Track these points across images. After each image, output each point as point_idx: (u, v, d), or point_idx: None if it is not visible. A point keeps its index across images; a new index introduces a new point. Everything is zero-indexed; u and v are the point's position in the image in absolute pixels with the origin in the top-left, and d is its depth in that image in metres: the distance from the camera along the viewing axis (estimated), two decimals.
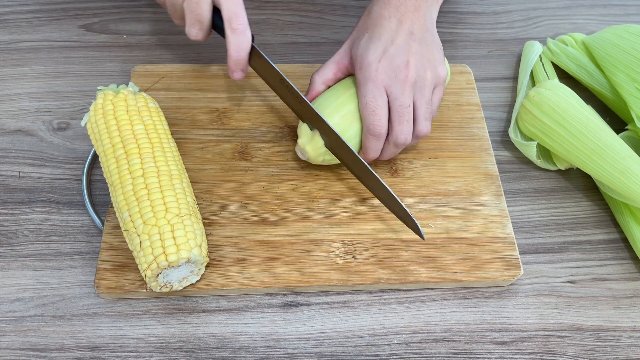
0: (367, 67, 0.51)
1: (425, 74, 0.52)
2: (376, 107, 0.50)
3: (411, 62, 0.51)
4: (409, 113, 0.51)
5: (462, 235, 0.54)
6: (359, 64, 0.52)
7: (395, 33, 0.52)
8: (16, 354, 0.48)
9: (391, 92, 0.51)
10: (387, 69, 0.51)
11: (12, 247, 0.53)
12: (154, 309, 0.50)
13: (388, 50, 0.51)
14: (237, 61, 0.53)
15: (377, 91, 0.50)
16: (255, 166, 0.57)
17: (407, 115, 0.51)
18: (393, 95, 0.51)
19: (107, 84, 0.56)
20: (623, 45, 0.60)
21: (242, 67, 0.54)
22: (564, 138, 0.56)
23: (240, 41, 0.52)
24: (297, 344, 0.49)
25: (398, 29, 0.52)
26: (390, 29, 0.52)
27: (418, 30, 0.52)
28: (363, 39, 0.53)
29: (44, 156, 0.58)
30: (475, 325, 0.51)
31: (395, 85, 0.51)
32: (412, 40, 0.52)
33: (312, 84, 0.56)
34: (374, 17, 0.53)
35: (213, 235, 0.52)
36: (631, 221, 0.54)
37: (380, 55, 0.51)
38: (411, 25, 0.52)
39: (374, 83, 0.51)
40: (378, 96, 0.50)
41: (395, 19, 0.52)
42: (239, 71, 0.54)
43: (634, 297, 0.53)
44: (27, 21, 0.70)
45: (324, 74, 0.55)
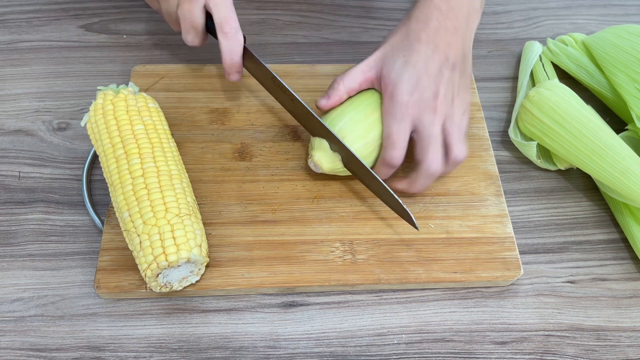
0: (398, 100, 0.50)
1: (453, 102, 0.51)
2: (398, 141, 0.50)
3: (441, 92, 0.50)
4: (438, 142, 0.50)
5: (462, 235, 0.54)
6: (390, 92, 0.50)
7: (430, 60, 0.50)
8: (16, 354, 0.48)
9: (419, 124, 0.50)
10: (417, 103, 0.50)
11: (12, 247, 0.53)
12: (154, 309, 0.50)
13: (420, 80, 0.50)
14: (231, 65, 0.54)
15: (403, 124, 0.50)
16: (255, 166, 0.57)
17: (435, 145, 0.50)
18: (422, 126, 0.50)
19: (107, 84, 0.56)
20: (623, 46, 0.60)
21: (237, 69, 0.55)
22: (564, 138, 0.56)
23: (232, 45, 0.53)
24: (297, 344, 0.49)
25: (434, 54, 0.50)
26: (426, 55, 0.50)
27: (453, 56, 0.51)
28: (397, 62, 0.51)
29: (44, 156, 0.59)
30: (475, 325, 0.51)
31: (423, 117, 0.50)
32: (445, 68, 0.51)
33: (335, 91, 0.53)
34: (412, 39, 0.51)
35: (213, 235, 0.52)
36: (631, 221, 0.54)
37: (413, 87, 0.49)
38: (447, 51, 0.51)
39: (402, 116, 0.50)
40: (402, 130, 0.50)
41: (432, 44, 0.50)
42: (234, 73, 0.56)
43: (634, 297, 0.53)
44: (27, 21, 0.70)
45: (349, 83, 0.53)
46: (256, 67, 0.55)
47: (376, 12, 0.74)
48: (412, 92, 0.50)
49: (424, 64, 0.50)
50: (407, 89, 0.50)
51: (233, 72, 0.55)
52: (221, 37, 0.53)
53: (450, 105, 0.51)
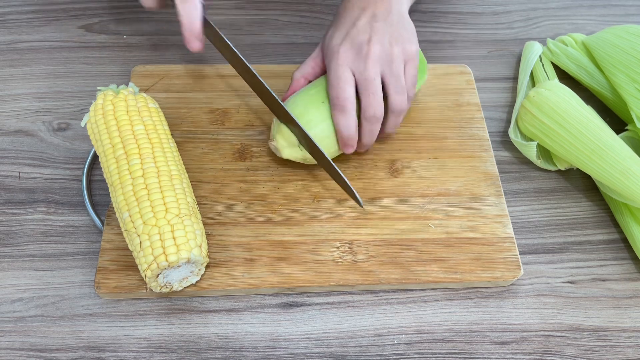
0: (331, 52, 0.53)
1: (391, 49, 0.52)
2: (337, 81, 0.51)
3: (373, 38, 0.52)
4: (375, 85, 0.51)
5: (462, 236, 0.54)
6: (325, 53, 0.54)
7: (357, 18, 0.54)
8: (16, 354, 0.48)
9: (355, 69, 0.51)
10: (349, 48, 0.52)
11: (12, 247, 0.53)
12: (154, 310, 0.50)
13: (350, 32, 0.53)
14: (190, 30, 0.52)
15: (340, 69, 0.51)
16: (255, 166, 0.57)
17: (373, 88, 0.51)
18: (357, 71, 0.51)
19: (107, 84, 0.56)
20: (623, 46, 0.60)
21: (197, 36, 0.52)
22: (564, 138, 0.56)
23: (189, 8, 0.51)
24: (297, 344, 0.49)
25: (360, 14, 0.54)
26: (352, 15, 0.54)
27: (381, 13, 0.54)
28: (329, 30, 0.55)
29: (44, 156, 0.59)
30: (475, 325, 0.51)
31: (358, 61, 0.51)
32: (375, 21, 0.53)
33: (292, 80, 0.57)
34: (340, 11, 0.56)
35: (213, 235, 0.52)
36: (631, 221, 0.54)
37: (343, 38, 0.53)
38: (374, 10, 0.54)
39: (337, 62, 0.51)
40: (341, 73, 0.51)
41: (357, 7, 0.54)
42: (195, 41, 0.52)
43: (634, 297, 0.53)
44: (27, 21, 0.70)
45: (303, 70, 0.57)
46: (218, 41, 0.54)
47: None
48: (342, 42, 0.52)
49: (351, 21, 0.54)
50: (337, 41, 0.53)
51: (193, 40, 0.52)
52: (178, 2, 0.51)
53: (387, 53, 0.52)
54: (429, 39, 0.72)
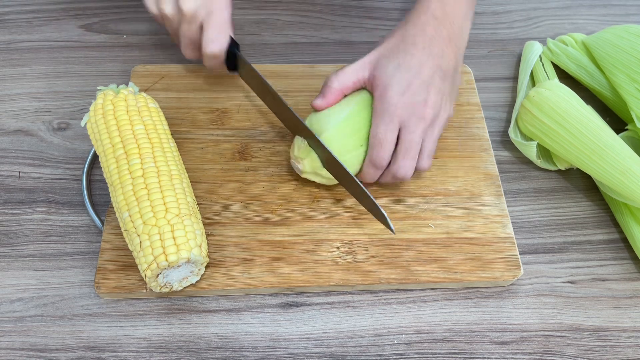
0: (388, 100, 0.50)
1: (441, 113, 0.51)
2: (385, 141, 0.50)
3: (430, 100, 0.50)
4: (416, 150, 0.51)
5: (462, 236, 0.54)
6: (381, 92, 0.50)
7: (424, 66, 0.51)
8: (16, 354, 0.48)
9: (405, 126, 0.50)
10: (407, 105, 0.50)
11: (12, 247, 0.53)
12: (154, 309, 0.50)
13: (412, 84, 0.50)
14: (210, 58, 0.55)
15: (391, 125, 0.50)
16: (255, 166, 0.57)
17: (414, 152, 0.51)
18: (407, 129, 0.50)
19: (107, 84, 0.56)
20: (623, 46, 0.60)
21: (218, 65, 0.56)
22: (564, 138, 0.56)
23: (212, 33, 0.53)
24: (297, 344, 0.49)
25: (427, 61, 0.51)
26: (420, 60, 0.51)
27: (446, 65, 0.52)
28: (391, 64, 0.51)
29: (44, 156, 0.58)
30: (475, 325, 0.51)
31: (411, 120, 0.50)
32: (438, 75, 0.51)
33: (331, 90, 0.52)
34: (407, 43, 0.51)
35: (213, 235, 0.52)
36: (631, 221, 0.54)
37: (404, 89, 0.50)
38: (440, 59, 0.51)
39: (391, 117, 0.50)
40: (390, 131, 0.50)
41: (427, 50, 0.51)
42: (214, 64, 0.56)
43: (634, 297, 0.53)
44: (27, 21, 0.70)
45: (344, 82, 0.52)
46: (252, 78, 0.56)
47: (376, 12, 0.74)
48: (402, 94, 0.50)
49: (417, 68, 0.50)
50: (398, 90, 0.50)
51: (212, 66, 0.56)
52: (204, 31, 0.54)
53: (437, 117, 0.51)
54: None
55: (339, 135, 0.51)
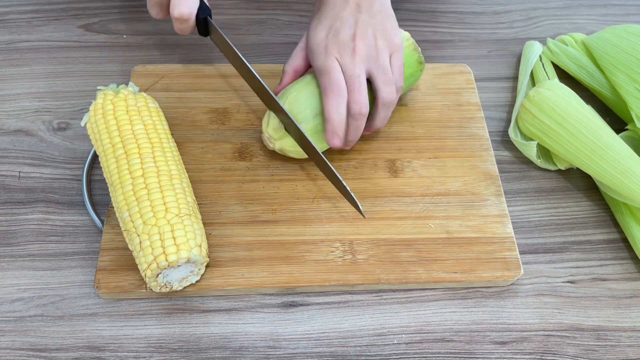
0: (316, 47, 0.52)
1: (376, 43, 0.52)
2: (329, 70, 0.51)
3: (358, 33, 0.52)
4: (360, 82, 0.51)
5: (462, 235, 0.54)
6: (310, 47, 0.53)
7: (341, 9, 0.53)
8: (16, 354, 0.48)
9: (342, 66, 0.51)
10: (334, 43, 0.52)
11: (12, 247, 0.53)
12: (153, 309, 0.50)
13: (334, 25, 0.52)
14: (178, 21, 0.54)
15: (328, 61, 0.51)
16: (255, 166, 0.57)
17: (357, 84, 0.51)
18: (344, 68, 0.51)
19: (107, 84, 0.56)
20: (623, 46, 0.60)
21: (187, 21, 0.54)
22: (564, 138, 0.56)
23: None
24: (297, 344, 0.49)
25: (344, 5, 0.53)
26: (335, 5, 0.54)
27: (365, 3, 0.53)
28: (313, 22, 0.54)
29: (44, 156, 0.59)
30: (475, 325, 0.51)
31: (344, 57, 0.51)
32: (358, 12, 0.53)
33: (284, 74, 0.57)
34: (323, 5, 0.55)
35: (213, 235, 0.52)
36: (631, 221, 0.54)
37: (327, 32, 0.52)
38: (356, 4, 0.53)
39: (325, 52, 0.52)
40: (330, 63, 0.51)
41: (341, 3, 0.53)
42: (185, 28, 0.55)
43: (634, 297, 0.53)
44: (27, 21, 0.70)
45: (294, 63, 0.56)
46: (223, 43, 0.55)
47: None
48: (327, 34, 0.52)
49: (334, 13, 0.53)
50: (322, 32, 0.53)
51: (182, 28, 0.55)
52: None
53: (372, 47, 0.52)
54: (429, 39, 0.72)
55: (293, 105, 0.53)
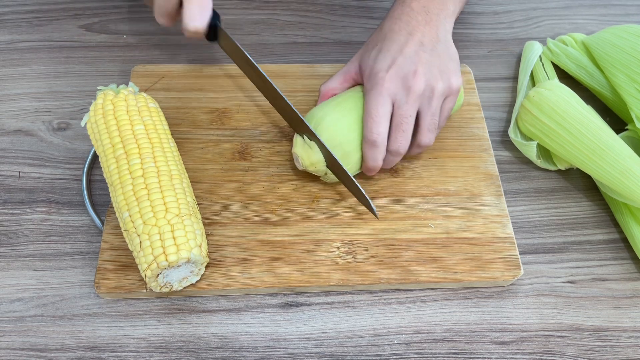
0: (374, 76, 0.51)
1: (435, 84, 0.51)
2: (377, 115, 0.50)
3: (419, 71, 0.50)
4: (408, 123, 0.51)
5: (462, 236, 0.54)
6: (367, 74, 0.52)
7: (405, 44, 0.52)
8: (16, 354, 0.48)
9: (396, 101, 0.50)
10: (394, 77, 0.50)
11: (12, 247, 0.53)
12: (154, 309, 0.50)
13: (396, 60, 0.51)
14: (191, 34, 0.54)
15: (381, 99, 0.50)
16: (255, 166, 0.57)
17: (405, 125, 0.51)
18: (397, 104, 0.50)
19: (107, 84, 0.56)
20: (623, 46, 0.60)
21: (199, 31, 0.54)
22: (564, 138, 0.56)
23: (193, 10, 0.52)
24: (297, 344, 0.49)
25: (407, 40, 0.52)
26: (399, 41, 0.52)
27: (428, 41, 0.52)
28: (373, 52, 0.53)
29: (44, 156, 0.58)
30: (475, 325, 0.51)
31: (400, 94, 0.50)
32: (423, 50, 0.51)
33: (320, 93, 0.56)
34: (385, 32, 0.54)
35: (213, 235, 0.52)
36: (631, 221, 0.54)
37: (389, 64, 0.51)
38: (421, 37, 0.52)
39: (379, 91, 0.50)
40: (381, 104, 0.50)
41: (405, 31, 0.52)
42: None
43: (634, 297, 0.53)
44: (27, 21, 0.70)
45: (330, 84, 0.56)
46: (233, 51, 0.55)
47: (376, 12, 0.74)
48: (388, 69, 0.51)
49: (399, 48, 0.52)
50: (383, 66, 0.51)
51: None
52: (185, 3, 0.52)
53: (431, 87, 0.51)
54: None
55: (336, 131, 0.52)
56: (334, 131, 0.52)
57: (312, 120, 0.53)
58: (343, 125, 0.52)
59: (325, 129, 0.52)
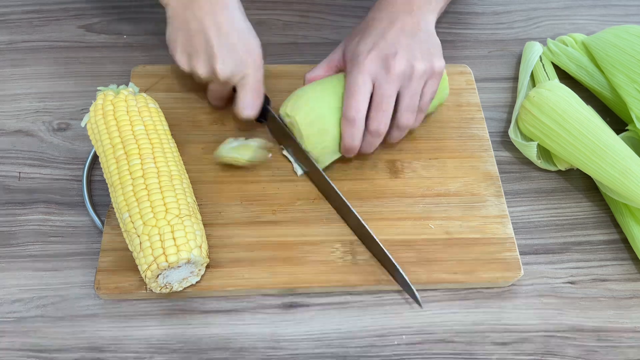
0: (355, 58, 0.52)
1: (416, 64, 0.52)
2: (357, 93, 0.51)
3: (400, 52, 0.51)
4: (388, 103, 0.51)
5: (462, 236, 0.54)
6: (349, 58, 0.53)
7: (386, 30, 0.53)
8: (16, 355, 0.48)
9: (376, 81, 0.51)
10: (375, 58, 0.51)
11: (12, 247, 0.53)
12: (154, 310, 0.50)
13: (378, 43, 0.52)
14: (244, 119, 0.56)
15: (360, 78, 0.51)
16: (255, 166, 0.57)
17: (385, 105, 0.51)
18: (377, 83, 0.51)
19: (107, 84, 0.56)
20: (623, 46, 0.60)
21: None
22: (564, 138, 0.56)
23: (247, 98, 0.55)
24: (297, 345, 0.49)
25: (389, 26, 0.53)
26: (381, 27, 0.53)
27: (410, 29, 0.53)
28: (355, 39, 0.54)
29: (44, 157, 0.58)
30: (475, 326, 0.51)
31: (381, 74, 0.51)
32: (404, 35, 0.53)
33: (305, 82, 0.57)
34: (368, 21, 0.55)
35: (213, 236, 0.52)
36: (631, 222, 0.54)
37: (370, 47, 0.52)
38: (403, 24, 0.53)
39: (360, 70, 0.51)
40: (361, 83, 0.51)
41: (387, 20, 0.54)
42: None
43: (634, 297, 0.53)
44: (27, 21, 0.70)
45: (315, 72, 0.57)
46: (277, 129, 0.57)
47: None
48: (369, 51, 0.52)
49: (380, 32, 0.53)
50: (364, 49, 0.52)
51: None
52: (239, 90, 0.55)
53: (412, 68, 0.51)
54: None
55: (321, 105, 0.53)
56: (314, 105, 0.53)
57: (292, 97, 0.54)
58: (323, 104, 0.53)
59: (304, 104, 0.53)
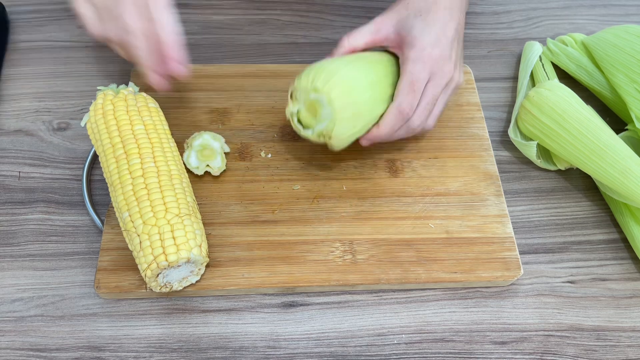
0: (421, 49, 0.50)
1: (454, 76, 0.52)
2: (419, 89, 0.50)
3: (452, 57, 0.52)
4: (433, 104, 0.52)
5: (462, 235, 0.54)
6: (411, 43, 0.51)
7: (446, 26, 0.52)
8: (16, 354, 0.48)
9: (432, 79, 0.51)
10: (437, 57, 0.51)
11: (12, 247, 0.53)
12: (154, 309, 0.50)
13: (441, 40, 0.51)
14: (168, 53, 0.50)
15: (424, 74, 0.50)
16: (255, 166, 0.57)
17: (431, 106, 0.52)
18: (432, 82, 0.51)
19: (107, 84, 0.56)
20: (622, 46, 0.60)
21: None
22: (564, 138, 0.56)
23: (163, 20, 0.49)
24: (297, 344, 0.49)
25: (449, 22, 0.52)
26: (443, 19, 0.52)
27: (460, 29, 0.53)
28: (416, 20, 0.51)
29: (44, 156, 0.59)
30: (475, 325, 0.51)
31: (437, 74, 0.51)
32: (457, 38, 0.53)
33: (339, 48, 0.54)
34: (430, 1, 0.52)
35: (213, 235, 0.52)
36: (631, 221, 0.54)
37: (434, 42, 0.51)
38: (457, 24, 0.53)
39: (424, 65, 0.50)
40: (423, 79, 0.50)
41: (448, 11, 0.52)
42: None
43: (634, 297, 0.53)
44: (27, 21, 0.70)
45: (355, 41, 0.53)
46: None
47: (376, 12, 0.74)
48: (434, 46, 0.51)
49: (442, 26, 0.51)
50: (430, 42, 0.51)
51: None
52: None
53: (452, 77, 0.52)
54: None
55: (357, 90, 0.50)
56: (350, 87, 0.49)
57: (322, 70, 0.49)
58: (360, 84, 0.50)
59: (338, 83, 0.49)
